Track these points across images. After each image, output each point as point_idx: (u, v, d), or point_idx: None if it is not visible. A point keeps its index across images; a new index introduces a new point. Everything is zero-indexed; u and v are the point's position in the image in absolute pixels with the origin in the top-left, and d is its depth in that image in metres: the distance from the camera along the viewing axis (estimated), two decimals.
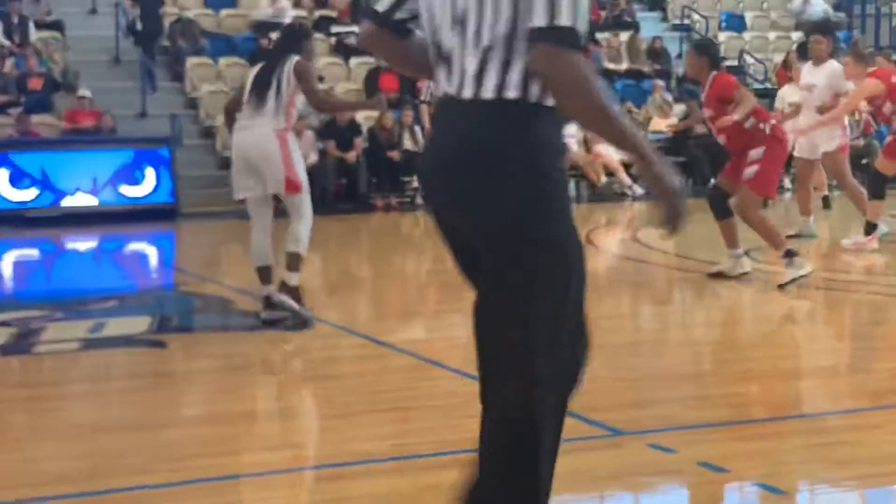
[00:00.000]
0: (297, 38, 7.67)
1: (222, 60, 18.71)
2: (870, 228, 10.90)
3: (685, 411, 5.39)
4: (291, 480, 4.53)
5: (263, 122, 7.44)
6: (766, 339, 7.26)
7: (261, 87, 7.47)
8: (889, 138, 10.94)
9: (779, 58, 21.69)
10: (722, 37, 22.61)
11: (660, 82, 19.79)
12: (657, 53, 21.01)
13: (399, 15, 3.12)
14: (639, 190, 17.46)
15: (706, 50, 9.20)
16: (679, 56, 21.81)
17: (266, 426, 5.37)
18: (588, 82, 2.77)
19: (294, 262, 7.56)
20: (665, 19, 23.40)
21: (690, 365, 6.43)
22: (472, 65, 2.92)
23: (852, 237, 11.04)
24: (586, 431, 4.98)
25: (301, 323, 7.45)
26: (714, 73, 8.88)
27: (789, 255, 8.61)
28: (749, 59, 21.77)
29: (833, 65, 11.21)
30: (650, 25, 22.66)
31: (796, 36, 22.69)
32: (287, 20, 19.75)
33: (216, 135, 17.36)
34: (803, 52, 21.58)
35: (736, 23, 23.37)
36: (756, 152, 8.69)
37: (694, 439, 4.90)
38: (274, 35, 18.90)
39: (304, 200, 7.60)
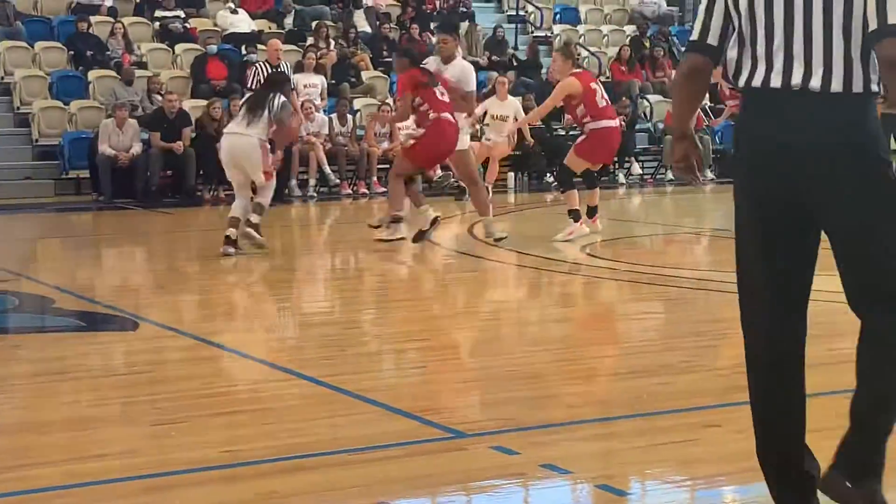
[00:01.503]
0: (283, 83, 11.16)
1: (39, 44, 17.95)
2: (576, 215, 11.46)
3: (528, 412, 5.26)
4: (115, 492, 4.21)
5: (252, 133, 10.30)
6: (607, 337, 7.19)
7: (255, 109, 10.39)
8: (581, 138, 11.48)
9: (613, 51, 21.92)
10: (556, 29, 22.74)
11: (495, 74, 19.74)
12: (499, 43, 20.99)
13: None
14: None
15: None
16: (515, 48, 21.84)
17: (86, 434, 5.00)
18: None
19: (258, 208, 10.48)
20: (501, 10, 23.42)
21: (532, 364, 6.28)
22: (837, 58, 3.43)
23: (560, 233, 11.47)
24: (425, 434, 4.86)
25: (258, 246, 10.43)
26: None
27: (395, 220, 11.17)
28: (583, 52, 21.90)
29: (461, 63, 11.47)
30: (486, 17, 22.65)
31: (630, 30, 22.96)
32: (108, 3, 19.13)
33: (32, 123, 16.64)
34: (636, 45, 22.01)
35: (571, 15, 23.53)
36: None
37: (537, 440, 4.80)
38: (94, 19, 18.43)
39: (272, 183, 10.72)
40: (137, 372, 6.17)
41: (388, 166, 17.17)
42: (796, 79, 3.47)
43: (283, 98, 10.55)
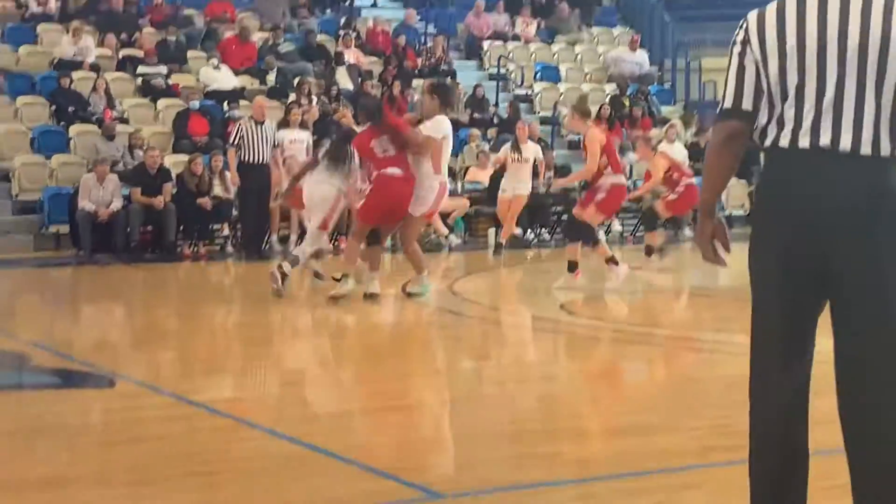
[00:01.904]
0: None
1: (20, 99, 17.97)
2: (571, 267, 11.82)
3: (507, 471, 5.23)
4: None
5: (333, 182, 11.32)
6: (586, 396, 7.17)
7: (337, 161, 11.33)
8: (602, 194, 11.68)
9: (593, 110, 22.04)
10: (537, 87, 22.89)
11: (476, 132, 19.86)
12: (479, 101, 21.12)
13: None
14: (455, 240, 17.41)
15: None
16: (496, 105, 21.97)
17: (63, 494, 4.96)
18: None
19: (294, 259, 11.52)
20: (482, 68, 23.58)
21: (511, 423, 6.27)
22: (868, 123, 3.52)
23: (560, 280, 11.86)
24: (404, 494, 4.82)
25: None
26: None
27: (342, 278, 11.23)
28: (563, 111, 22.05)
29: (437, 118, 11.03)
30: (467, 74, 22.81)
31: (610, 88, 23.14)
32: (91, 59, 19.20)
33: (13, 178, 16.62)
34: (616, 103, 22.18)
35: (551, 74, 23.71)
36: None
37: (517, 501, 4.78)
38: (76, 74, 18.47)
39: (320, 234, 11.66)
40: (114, 430, 6.14)
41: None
42: (825, 139, 3.54)
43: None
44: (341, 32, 21.87)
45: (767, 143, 3.67)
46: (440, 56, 22.40)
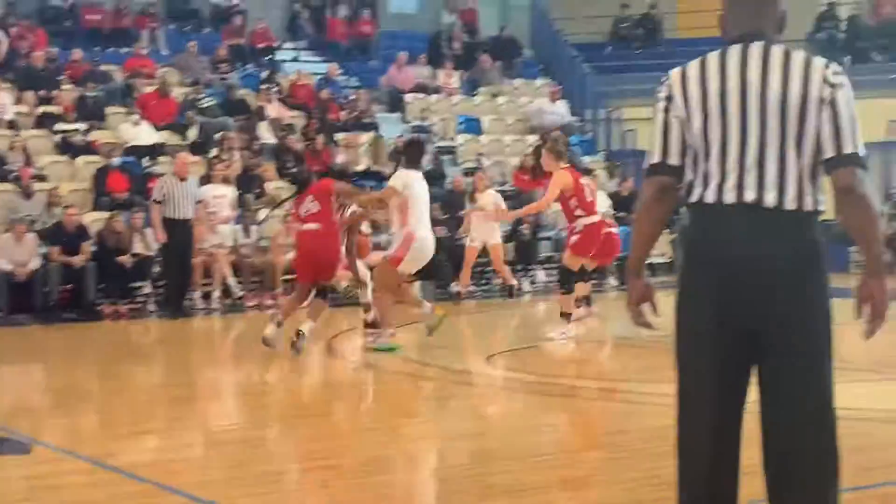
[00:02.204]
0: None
1: None
2: (568, 318, 12.09)
3: None
4: None
5: None
6: (511, 451, 7.11)
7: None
8: (575, 237, 12.03)
9: (514, 160, 22.19)
10: (459, 139, 22.98)
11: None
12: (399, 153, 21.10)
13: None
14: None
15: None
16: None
17: None
18: (874, 199, 3.62)
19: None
20: (405, 121, 23.64)
21: (433, 480, 6.20)
22: (790, 179, 3.61)
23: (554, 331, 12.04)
24: None
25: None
26: None
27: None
28: (486, 162, 22.16)
29: (400, 173, 11.62)
30: (390, 127, 22.84)
31: (531, 139, 23.28)
32: (8, 116, 18.94)
33: None
34: (539, 155, 22.27)
35: (473, 126, 23.82)
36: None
37: None
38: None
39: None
40: (30, 499, 5.97)
41: (293, 277, 17.11)
42: (750, 196, 3.62)
43: None
44: (263, 87, 21.80)
45: (693, 198, 3.73)
46: (363, 109, 22.41)
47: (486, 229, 16.64)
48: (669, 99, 3.78)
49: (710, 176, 3.69)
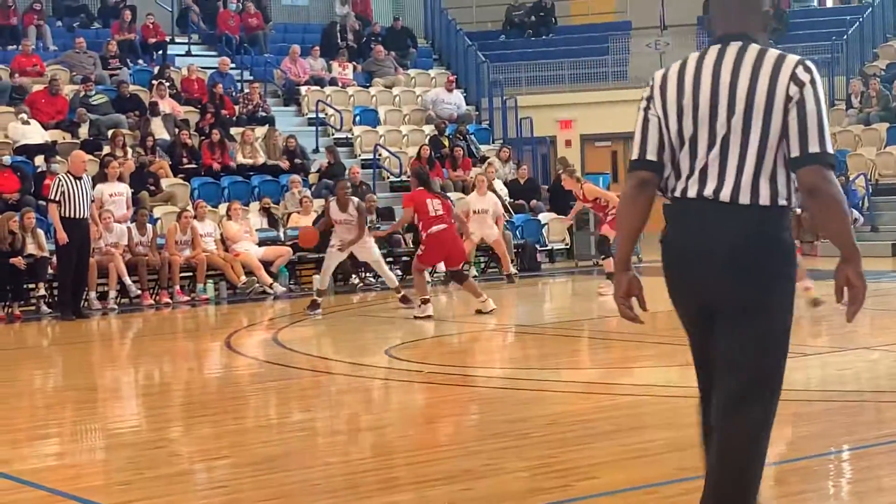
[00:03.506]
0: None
1: None
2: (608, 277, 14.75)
3: None
4: None
5: None
6: (410, 443, 7.15)
7: None
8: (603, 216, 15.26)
9: (413, 151, 22.22)
10: (357, 131, 22.95)
11: (297, 178, 19.79)
12: (292, 151, 21.03)
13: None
14: (280, 288, 17.28)
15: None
16: (316, 150, 21.92)
17: None
18: (842, 196, 3.77)
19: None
20: (300, 114, 23.54)
21: (336, 476, 6.21)
22: (747, 174, 3.76)
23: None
24: None
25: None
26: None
27: (424, 301, 13.51)
28: (384, 153, 22.17)
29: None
30: (286, 120, 22.73)
31: (428, 129, 23.34)
32: None
33: None
34: (435, 144, 22.38)
35: (370, 117, 23.80)
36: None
37: None
38: None
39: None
40: None
41: (190, 274, 16.97)
42: (709, 189, 3.81)
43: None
44: (154, 82, 21.55)
45: (668, 192, 3.95)
46: (257, 103, 22.27)
47: (483, 227, 17.63)
48: (650, 99, 4.00)
49: (680, 171, 3.90)
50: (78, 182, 15.16)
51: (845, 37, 26.22)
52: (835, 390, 8.11)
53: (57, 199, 15.17)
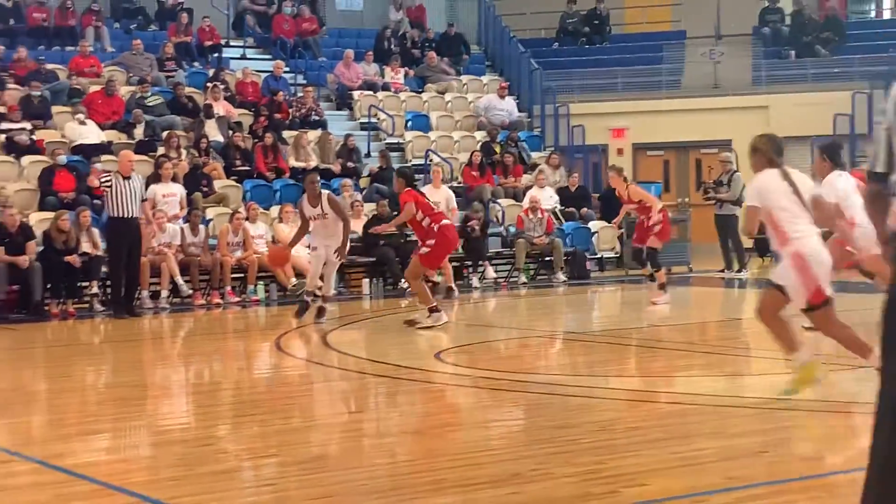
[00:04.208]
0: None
1: None
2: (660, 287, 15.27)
3: None
4: None
5: None
6: (455, 446, 7.15)
7: None
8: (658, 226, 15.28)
9: (464, 157, 22.25)
10: (409, 136, 23.00)
11: (349, 181, 19.86)
12: (350, 150, 21.11)
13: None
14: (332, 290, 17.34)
15: None
16: (367, 154, 22.00)
17: None
18: None
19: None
20: (353, 118, 23.62)
21: (385, 477, 6.22)
22: None
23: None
24: None
25: None
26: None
27: (432, 310, 12.83)
28: (435, 158, 22.20)
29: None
30: (338, 125, 22.83)
31: (480, 135, 23.35)
32: None
33: None
34: (487, 151, 22.38)
35: (421, 122, 23.85)
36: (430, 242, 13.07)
37: None
38: None
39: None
40: None
41: (241, 275, 17.08)
42: None
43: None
44: (209, 84, 21.71)
45: None
46: (310, 107, 22.38)
47: None
48: (883, 112, 4.05)
49: None
50: (126, 182, 15.30)
51: None
52: None
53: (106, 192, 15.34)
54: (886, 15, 31.71)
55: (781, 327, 8.13)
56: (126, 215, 15.25)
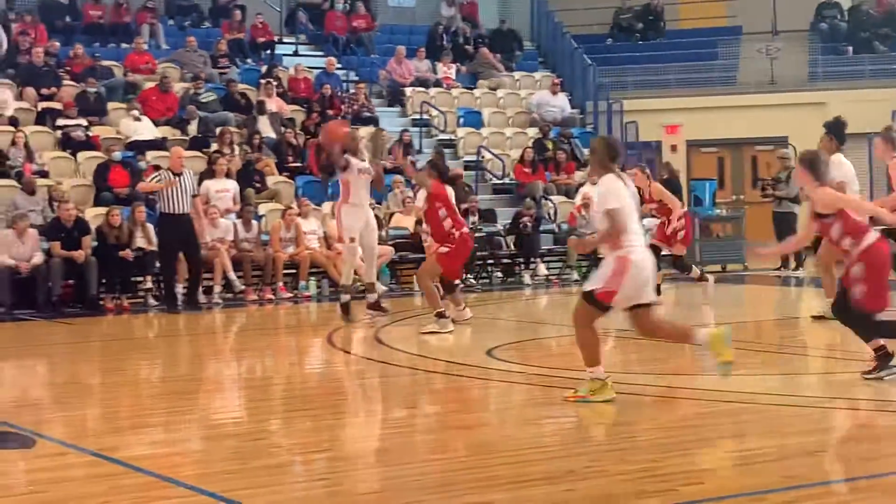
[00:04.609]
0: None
1: None
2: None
3: None
4: None
5: None
6: (513, 442, 7.12)
7: None
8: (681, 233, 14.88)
9: (516, 153, 22.19)
10: (461, 132, 22.97)
11: (400, 178, 19.86)
12: (407, 145, 21.09)
13: None
14: (381, 288, 17.33)
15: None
16: (419, 151, 22.00)
17: None
18: None
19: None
20: (405, 115, 23.63)
21: (438, 472, 6.21)
22: None
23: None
24: None
25: None
26: None
27: (440, 315, 12.40)
28: (487, 155, 22.16)
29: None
30: (391, 121, 22.84)
31: (532, 132, 23.28)
32: (9, 112, 18.95)
33: None
34: (540, 148, 22.29)
35: (474, 119, 23.82)
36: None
37: None
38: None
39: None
40: (34, 492, 5.98)
41: (293, 271, 17.14)
42: None
43: None
44: (262, 81, 21.80)
45: None
46: (363, 103, 22.41)
47: None
48: None
49: None
50: (177, 178, 15.39)
51: None
52: None
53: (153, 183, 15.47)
54: None
55: (587, 336, 8.15)
56: (177, 211, 15.35)
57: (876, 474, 6.04)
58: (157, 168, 16.80)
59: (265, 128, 20.52)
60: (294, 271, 17.24)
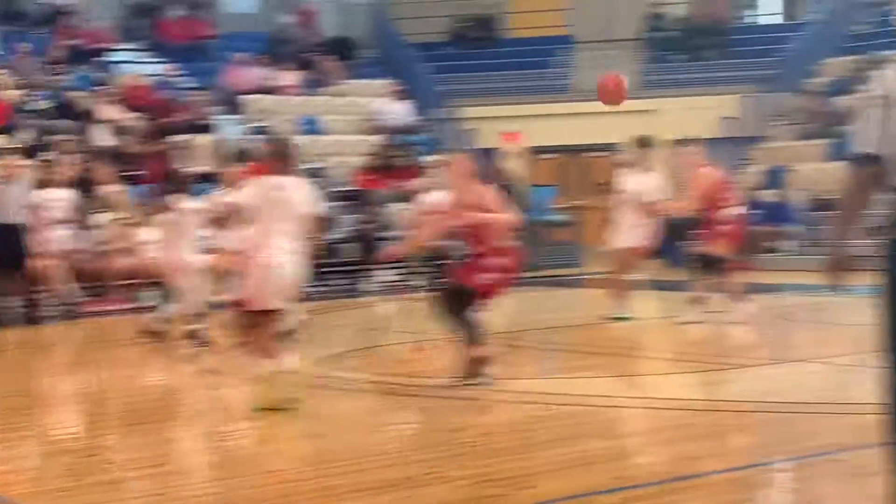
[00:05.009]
0: None
1: None
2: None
3: None
4: None
5: None
6: (351, 451, 7.14)
7: None
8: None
9: (357, 161, 22.22)
10: (301, 140, 22.87)
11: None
12: (241, 155, 20.88)
13: None
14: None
15: None
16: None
17: None
18: None
19: None
20: (244, 122, 23.42)
21: (272, 485, 6.20)
22: None
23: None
24: None
25: None
26: None
27: None
28: (328, 162, 22.13)
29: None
30: (230, 129, 22.61)
31: (374, 139, 23.32)
32: None
33: None
34: (381, 155, 22.32)
35: (314, 126, 23.75)
36: None
37: None
38: None
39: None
40: None
41: (131, 282, 16.85)
42: None
43: None
44: (98, 88, 21.38)
45: None
46: (200, 111, 22.15)
47: None
48: (882, 79, 4.11)
49: None
50: (6, 187, 15.01)
51: (785, 54, 26.55)
52: (771, 402, 8.21)
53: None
54: (763, 21, 32.33)
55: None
56: (5, 221, 14.96)
57: (702, 473, 6.25)
58: None
59: (101, 136, 20.12)
60: (131, 282, 16.95)
